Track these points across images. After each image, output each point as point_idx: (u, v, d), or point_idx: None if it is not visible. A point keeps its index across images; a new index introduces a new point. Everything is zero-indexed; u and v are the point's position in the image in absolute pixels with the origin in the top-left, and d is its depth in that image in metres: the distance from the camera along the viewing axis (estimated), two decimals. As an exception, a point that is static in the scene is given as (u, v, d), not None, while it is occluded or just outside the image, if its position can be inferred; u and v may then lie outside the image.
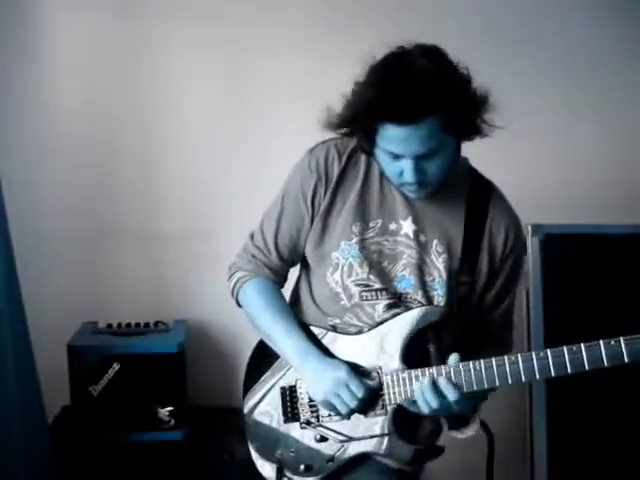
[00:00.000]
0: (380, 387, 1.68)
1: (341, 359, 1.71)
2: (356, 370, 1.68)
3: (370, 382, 1.67)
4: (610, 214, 2.77)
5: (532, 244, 2.57)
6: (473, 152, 1.76)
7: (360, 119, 1.57)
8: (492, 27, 2.88)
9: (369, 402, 1.68)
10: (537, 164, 2.92)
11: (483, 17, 2.87)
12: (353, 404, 1.65)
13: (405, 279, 1.71)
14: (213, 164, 2.95)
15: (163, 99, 2.93)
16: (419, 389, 1.61)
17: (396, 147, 1.55)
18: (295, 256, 1.82)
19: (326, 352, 1.73)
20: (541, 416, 2.57)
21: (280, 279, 1.85)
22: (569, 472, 2.60)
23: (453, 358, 1.62)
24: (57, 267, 2.90)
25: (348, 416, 1.69)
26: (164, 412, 2.67)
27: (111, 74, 2.91)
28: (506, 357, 1.58)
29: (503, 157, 2.85)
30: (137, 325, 2.85)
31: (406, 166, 1.57)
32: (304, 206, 1.75)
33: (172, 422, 2.67)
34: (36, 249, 2.78)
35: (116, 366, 2.65)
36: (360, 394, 1.65)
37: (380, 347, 1.69)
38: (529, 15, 2.90)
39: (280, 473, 1.75)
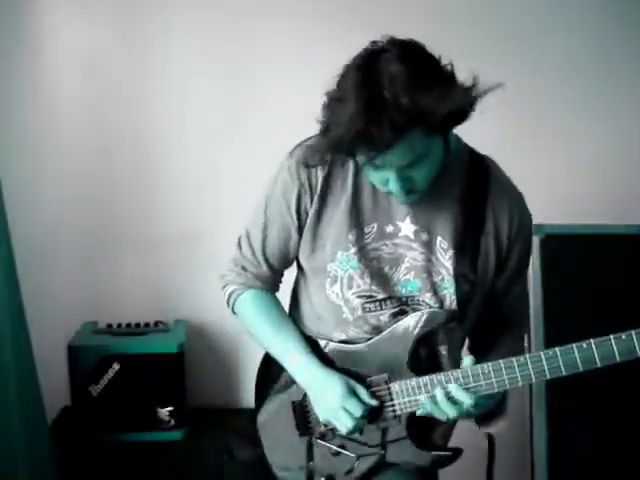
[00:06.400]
0: (387, 397, 1.62)
1: (343, 370, 1.63)
2: (362, 381, 1.61)
3: (370, 400, 1.59)
4: (610, 214, 2.77)
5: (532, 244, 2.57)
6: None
7: (336, 148, 1.42)
8: (494, 26, 2.88)
9: (375, 414, 1.61)
10: (537, 164, 2.92)
11: (484, 17, 2.88)
12: (350, 424, 1.58)
13: (410, 283, 1.61)
14: (209, 166, 2.97)
15: (163, 101, 2.95)
16: (431, 402, 1.54)
17: (378, 161, 1.40)
18: (286, 264, 1.73)
19: (328, 363, 1.65)
20: (541, 416, 2.57)
21: (273, 287, 1.76)
22: (569, 473, 2.59)
23: (468, 361, 1.54)
24: (57, 268, 2.91)
25: (351, 434, 1.62)
26: (164, 412, 2.67)
27: (111, 74, 2.92)
28: (514, 359, 1.50)
29: (503, 157, 2.86)
30: (137, 325, 2.86)
31: (390, 177, 1.44)
32: (289, 217, 1.62)
33: (172, 422, 2.67)
34: (36, 249, 2.78)
35: (116, 366, 2.66)
36: (358, 414, 1.57)
37: (386, 355, 1.61)
38: (534, 15, 2.91)
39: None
